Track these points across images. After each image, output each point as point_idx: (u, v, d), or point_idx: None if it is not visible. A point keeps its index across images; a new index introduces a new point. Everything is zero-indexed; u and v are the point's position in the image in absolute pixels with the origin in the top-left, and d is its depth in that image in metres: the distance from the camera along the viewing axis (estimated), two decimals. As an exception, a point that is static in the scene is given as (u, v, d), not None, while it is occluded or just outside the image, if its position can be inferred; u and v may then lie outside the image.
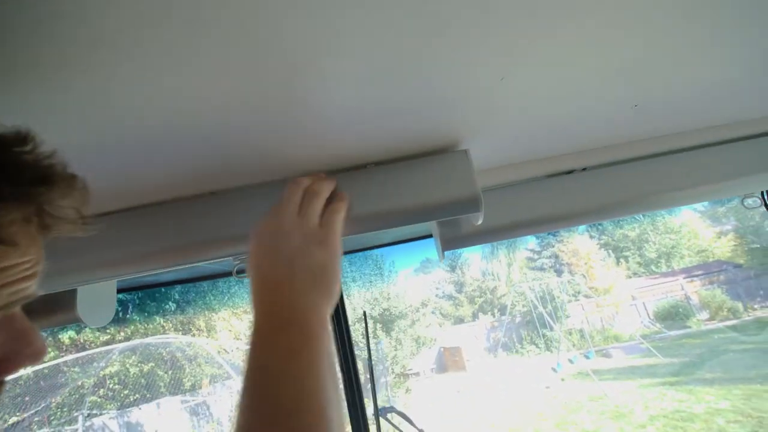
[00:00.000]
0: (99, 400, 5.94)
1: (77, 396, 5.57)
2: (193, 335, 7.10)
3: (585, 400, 7.69)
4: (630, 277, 13.99)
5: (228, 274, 1.16)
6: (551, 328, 11.19)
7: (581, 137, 0.63)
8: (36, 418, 5.14)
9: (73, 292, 0.61)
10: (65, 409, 5.56)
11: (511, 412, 7.97)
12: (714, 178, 0.65)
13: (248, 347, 0.35)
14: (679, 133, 0.67)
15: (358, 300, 10.93)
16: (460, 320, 14.82)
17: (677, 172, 0.66)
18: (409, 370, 11.50)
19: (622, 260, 14.48)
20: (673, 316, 11.66)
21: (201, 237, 0.51)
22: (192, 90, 0.33)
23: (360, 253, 1.33)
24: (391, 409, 1.32)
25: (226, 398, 6.53)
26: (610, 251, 14.69)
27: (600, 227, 14.66)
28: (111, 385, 6.06)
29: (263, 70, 0.33)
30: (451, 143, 0.53)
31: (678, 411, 6.36)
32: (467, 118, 0.49)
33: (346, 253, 1.33)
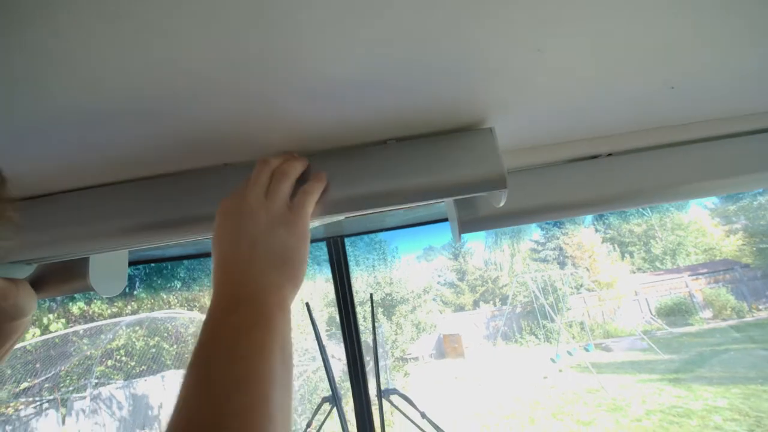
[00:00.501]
0: (106, 370, 6.10)
1: (86, 365, 5.73)
2: (199, 311, 7.23)
3: (582, 391, 7.78)
4: (634, 273, 13.95)
5: None
6: (552, 320, 11.25)
7: (609, 121, 0.61)
8: (46, 385, 5.30)
9: (86, 261, 0.61)
10: (74, 378, 5.73)
11: (508, 400, 8.09)
12: (747, 168, 0.62)
13: (201, 326, 0.34)
14: (712, 120, 0.64)
15: (360, 284, 11.02)
16: (460, 308, 14.94)
17: (707, 161, 0.63)
18: (409, 354, 11.67)
19: (627, 255, 14.42)
20: (675, 313, 11.64)
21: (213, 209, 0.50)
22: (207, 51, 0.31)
23: (365, 237, 1.33)
24: (394, 391, 1.33)
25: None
26: (616, 245, 14.62)
27: (606, 221, 14.57)
28: (118, 357, 6.23)
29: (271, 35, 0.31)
30: (476, 121, 0.51)
31: (675, 407, 6.41)
32: (495, 94, 0.47)
33: (350, 235, 1.33)
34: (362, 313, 10.00)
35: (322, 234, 1.26)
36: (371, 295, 1.36)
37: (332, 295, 9.80)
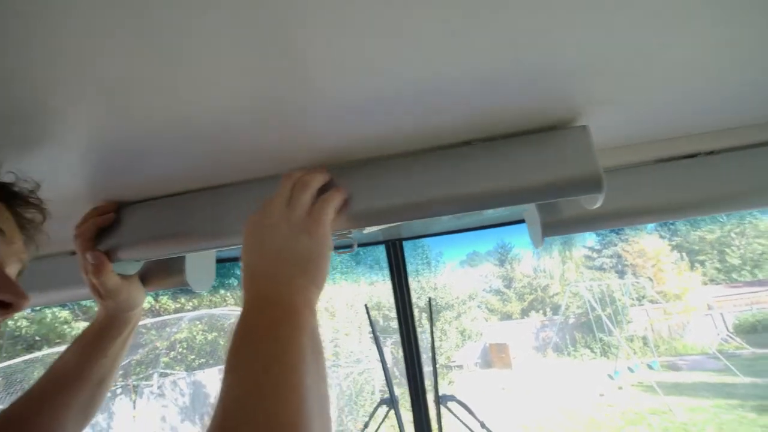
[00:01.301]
0: (170, 361, 6.60)
1: (153, 356, 6.24)
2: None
3: (646, 412, 7.15)
4: (706, 284, 12.63)
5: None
6: (610, 333, 10.49)
7: (712, 116, 0.55)
8: (120, 372, 5.85)
9: (182, 259, 0.66)
10: (143, 366, 6.26)
11: (559, 415, 7.64)
12: None
13: (234, 328, 0.36)
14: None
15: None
16: (507, 316, 14.40)
17: None
18: (453, 362, 11.42)
19: (697, 265, 13.10)
20: (758, 330, 10.36)
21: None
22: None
23: (409, 241, 1.31)
24: (452, 398, 1.31)
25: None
26: (684, 254, 13.34)
27: (672, 227, 13.35)
28: (180, 349, 6.71)
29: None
30: (568, 118, 0.49)
31: (759, 438, 5.70)
32: (592, 91, 0.44)
33: (408, 238, 1.32)
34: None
35: (380, 237, 1.27)
36: (429, 299, 1.35)
37: (376, 299, 9.87)
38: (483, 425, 1.36)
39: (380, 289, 10.21)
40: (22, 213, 0.43)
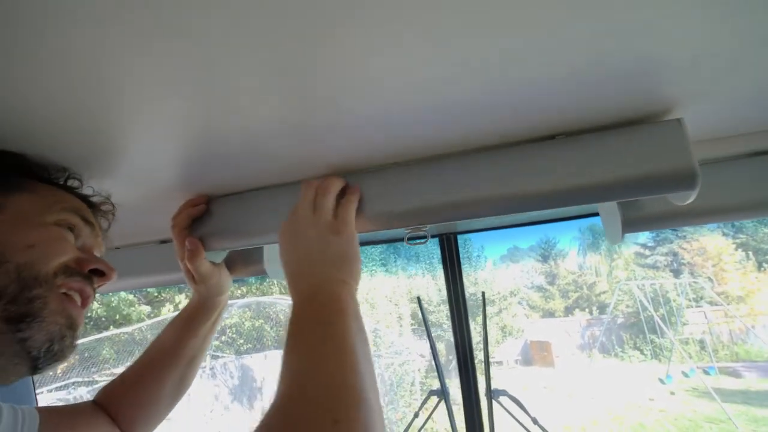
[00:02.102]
0: (220, 344, 7.03)
1: (206, 339, 6.66)
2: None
3: (701, 420, 6.70)
4: (777, 287, 11.47)
5: (399, 239, 1.19)
6: (662, 335, 9.86)
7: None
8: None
9: (261, 249, 0.71)
10: (196, 348, 6.70)
11: (605, 418, 7.32)
12: None
13: (288, 319, 0.40)
14: None
15: (444, 282, 10.90)
16: (549, 314, 13.90)
17: None
18: (492, 357, 11.23)
19: (765, 265, 11.92)
20: (839, 339, 9.31)
21: (382, 207, 0.54)
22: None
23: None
24: (504, 393, 1.30)
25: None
26: (750, 253, 12.18)
27: (735, 224, 12.20)
28: (230, 334, 7.12)
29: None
30: (659, 111, 0.47)
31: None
32: (688, 82, 0.43)
33: (462, 232, 1.32)
34: (445, 311, 9.90)
35: (434, 231, 1.28)
36: (483, 293, 1.34)
37: (417, 291, 9.90)
38: (535, 421, 1.35)
39: (419, 282, 10.22)
40: (100, 221, 0.51)
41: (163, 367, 0.60)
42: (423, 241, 0.60)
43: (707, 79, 0.42)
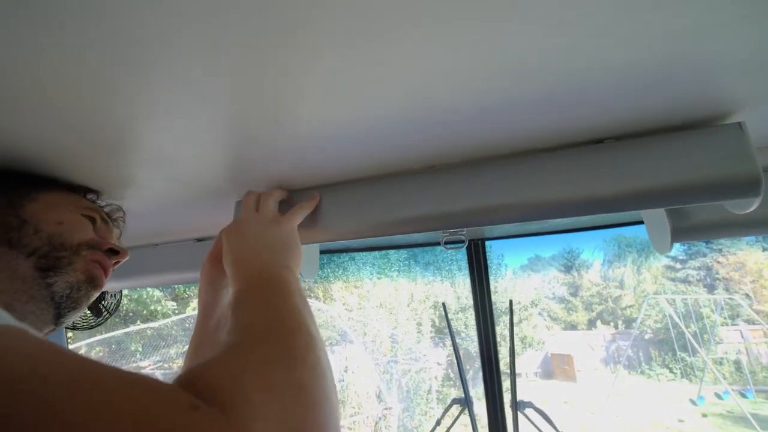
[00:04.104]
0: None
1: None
2: (314, 299, 7.99)
3: (737, 446, 6.30)
4: (822, 307, 10.75)
5: (435, 243, 1.19)
6: (694, 353, 9.39)
7: None
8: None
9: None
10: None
11: (631, 439, 7.00)
12: None
13: (231, 305, 0.41)
14: None
15: (462, 290, 10.77)
16: (572, 326, 13.49)
17: None
18: (511, 369, 10.95)
19: (810, 283, 11.19)
20: None
21: (419, 210, 0.54)
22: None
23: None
24: (530, 405, 1.27)
25: (336, 361, 7.20)
26: (792, 270, 11.46)
27: (777, 239, 11.51)
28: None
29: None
30: (720, 114, 0.45)
31: None
32: (751, 84, 0.40)
33: (491, 238, 1.30)
34: (463, 319, 9.75)
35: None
36: (510, 301, 1.32)
37: (435, 298, 9.80)
38: (563, 437, 1.30)
39: (438, 288, 10.11)
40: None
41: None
42: (460, 246, 0.60)
43: (772, 82, 0.40)
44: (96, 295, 0.49)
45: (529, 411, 1.31)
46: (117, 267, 0.54)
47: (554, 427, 1.29)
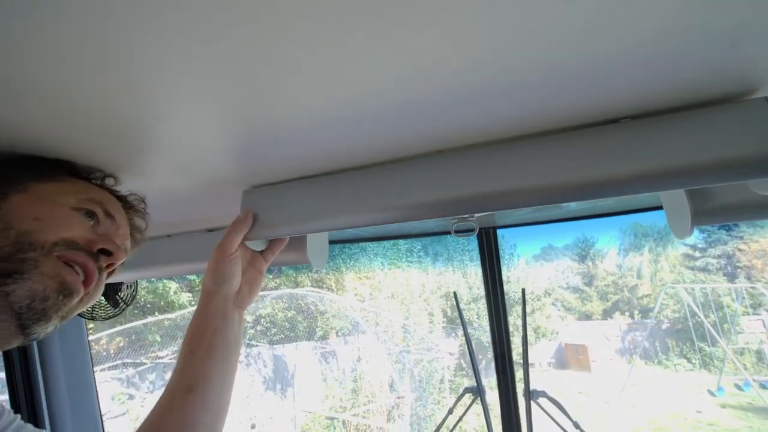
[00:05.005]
0: (255, 334, 7.29)
1: (243, 328, 6.96)
2: (327, 290, 8.08)
3: (757, 437, 6.19)
4: None
5: (446, 232, 1.18)
6: (713, 343, 9.20)
7: None
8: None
9: (304, 238, 0.72)
10: (233, 336, 7.01)
11: (647, 429, 6.94)
12: None
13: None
14: None
15: (474, 279, 10.73)
16: (586, 316, 13.34)
17: None
18: (524, 359, 10.93)
19: (838, 271, 10.80)
20: None
21: (427, 196, 0.52)
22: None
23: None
24: (543, 394, 1.26)
25: (349, 350, 7.30)
26: (819, 258, 11.07)
27: (804, 225, 11.09)
28: (264, 324, 7.38)
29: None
30: (745, 90, 0.42)
31: None
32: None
33: (502, 227, 1.27)
34: (475, 310, 9.73)
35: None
36: (523, 290, 1.30)
37: (446, 288, 9.80)
38: (576, 425, 1.29)
39: (450, 278, 10.10)
40: (133, 219, 0.56)
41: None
42: (470, 233, 0.58)
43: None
44: (72, 303, 0.42)
45: (542, 400, 1.30)
46: (127, 261, 0.52)
47: (568, 416, 1.28)
